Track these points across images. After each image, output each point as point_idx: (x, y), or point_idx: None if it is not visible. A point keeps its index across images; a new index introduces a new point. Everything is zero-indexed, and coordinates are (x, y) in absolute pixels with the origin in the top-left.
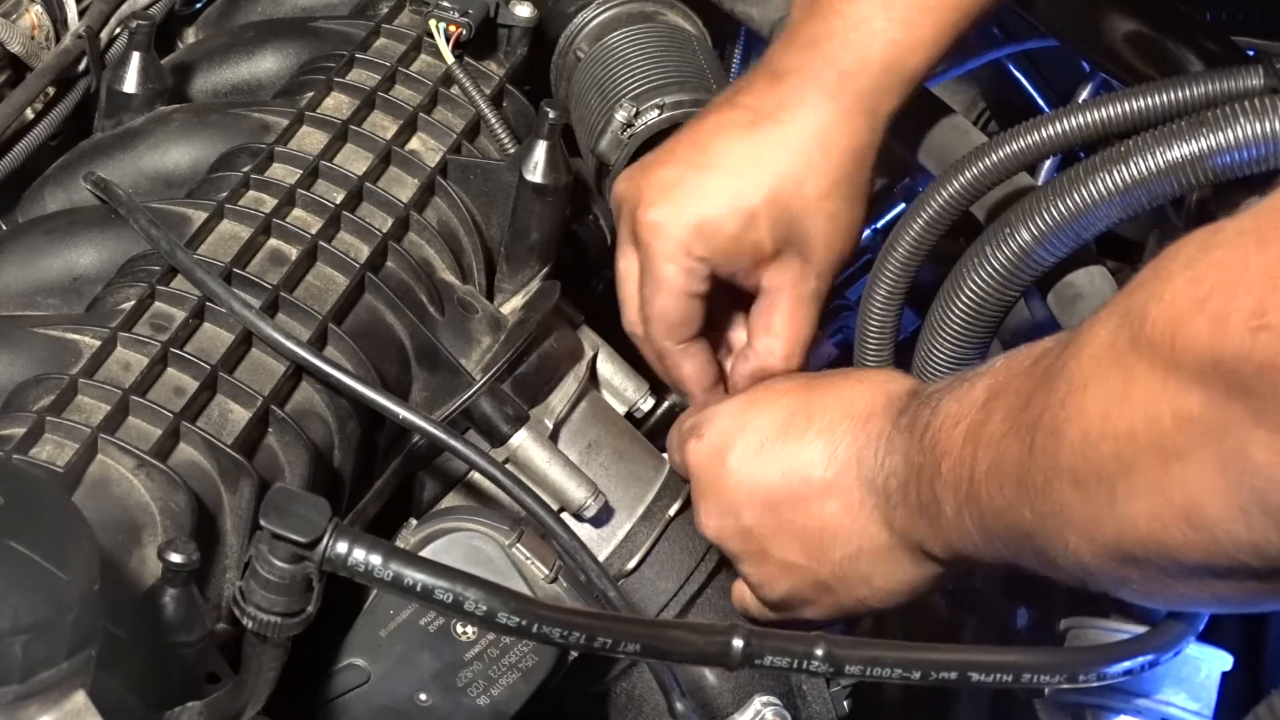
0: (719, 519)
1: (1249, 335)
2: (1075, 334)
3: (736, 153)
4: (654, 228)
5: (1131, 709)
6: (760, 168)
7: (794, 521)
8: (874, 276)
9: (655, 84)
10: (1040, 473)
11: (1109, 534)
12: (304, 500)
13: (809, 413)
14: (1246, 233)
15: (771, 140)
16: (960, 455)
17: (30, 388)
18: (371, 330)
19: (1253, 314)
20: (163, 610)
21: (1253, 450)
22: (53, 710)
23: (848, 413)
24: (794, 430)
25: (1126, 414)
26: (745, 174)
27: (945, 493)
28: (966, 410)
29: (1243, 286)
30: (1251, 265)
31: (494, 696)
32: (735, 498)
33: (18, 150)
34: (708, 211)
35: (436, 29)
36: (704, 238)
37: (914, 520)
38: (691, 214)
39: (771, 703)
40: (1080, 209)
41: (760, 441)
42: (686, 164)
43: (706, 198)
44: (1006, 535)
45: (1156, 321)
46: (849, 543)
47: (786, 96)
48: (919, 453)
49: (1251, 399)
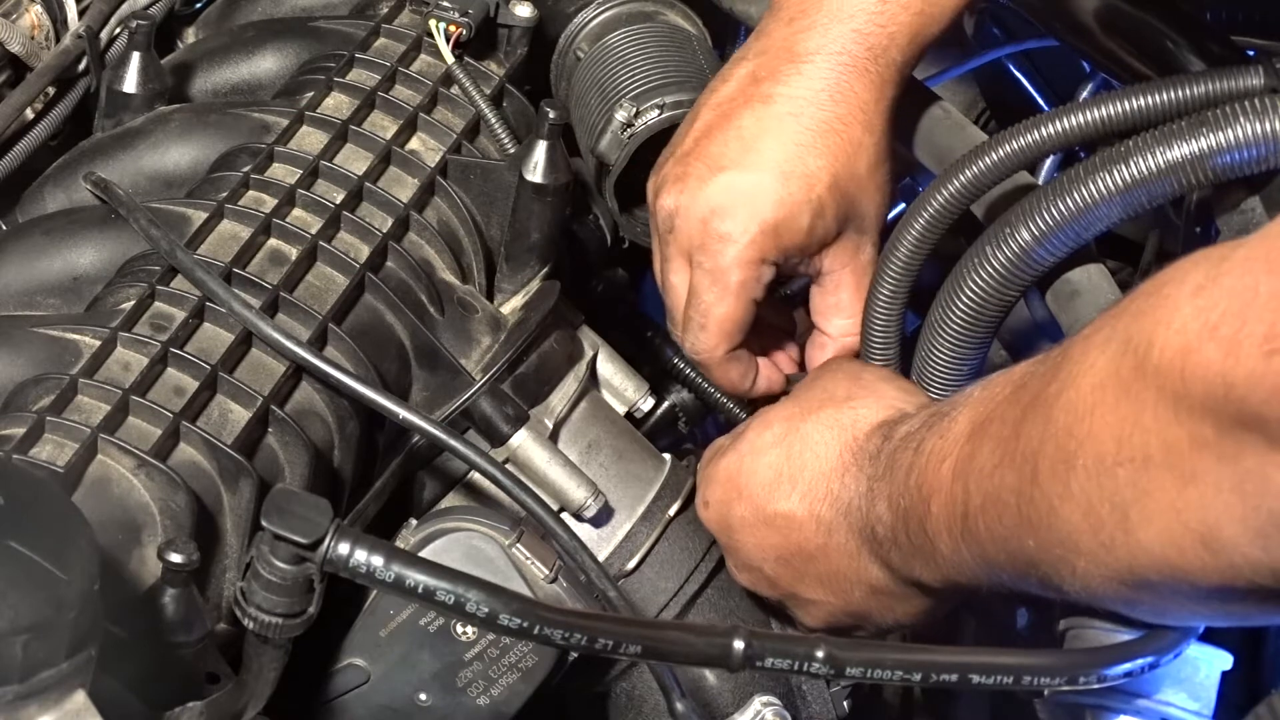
0: (747, 574)
1: (1261, 360)
2: (1062, 360)
3: (790, 148)
4: (724, 238)
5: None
6: (817, 158)
7: (809, 571)
8: (876, 276)
9: (655, 84)
10: (1044, 501)
11: (1121, 560)
12: (305, 501)
13: (790, 474)
14: (1255, 259)
15: (820, 128)
16: (950, 492)
17: (30, 388)
18: (371, 330)
19: (1265, 339)
20: (163, 610)
21: (1269, 473)
22: (53, 710)
23: (822, 471)
24: (779, 494)
25: (1140, 440)
26: (805, 168)
27: (938, 531)
28: (950, 446)
29: (1253, 312)
30: (1262, 291)
31: (494, 696)
32: (751, 557)
33: (18, 150)
34: (779, 213)
35: (436, 29)
36: (778, 240)
37: (909, 561)
38: (762, 219)
39: (771, 703)
40: (1080, 209)
41: (755, 507)
42: (743, 167)
43: (773, 200)
44: (1009, 564)
45: (1165, 350)
46: (861, 584)
47: (822, 77)
48: (903, 495)
49: (1265, 424)
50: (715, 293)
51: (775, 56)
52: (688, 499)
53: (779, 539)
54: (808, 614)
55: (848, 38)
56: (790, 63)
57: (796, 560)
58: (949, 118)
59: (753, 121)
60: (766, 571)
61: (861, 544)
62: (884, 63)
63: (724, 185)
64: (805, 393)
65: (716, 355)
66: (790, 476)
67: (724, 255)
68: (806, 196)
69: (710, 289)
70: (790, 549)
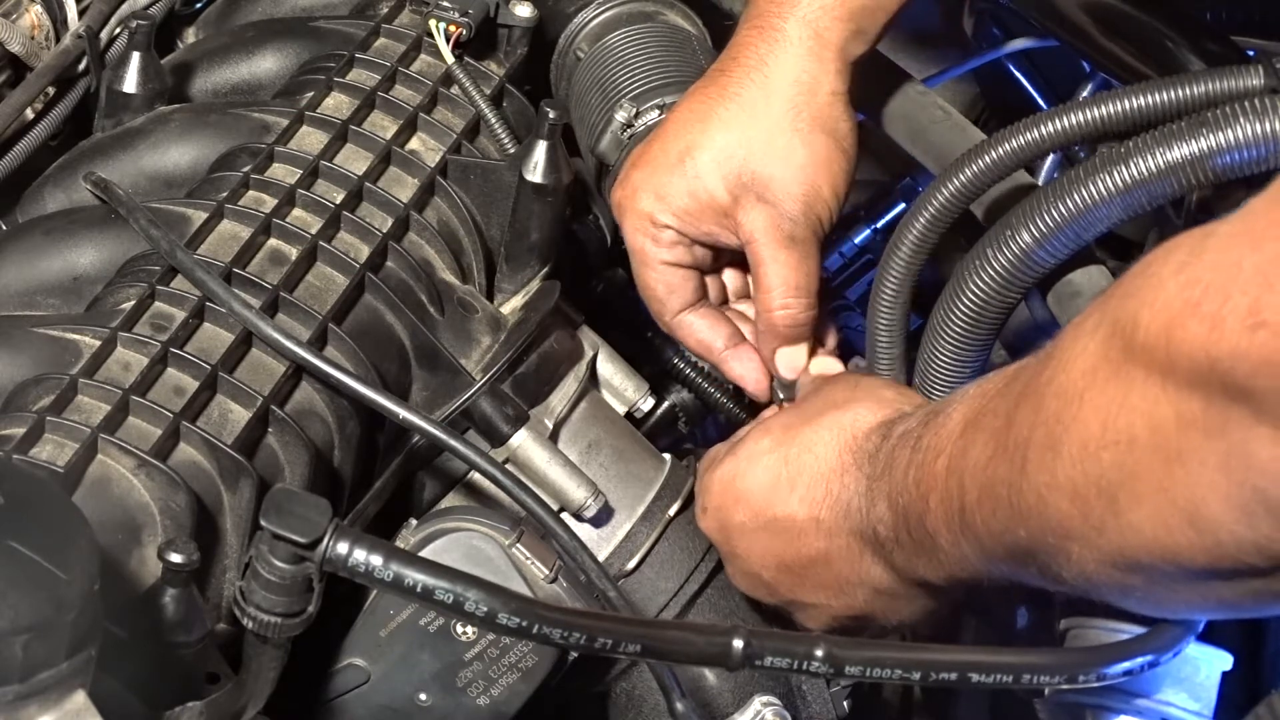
0: (746, 580)
1: (1245, 334)
2: (1053, 350)
3: (688, 117)
4: (619, 207)
5: (1131, 709)
6: (705, 122)
7: (810, 576)
8: (879, 277)
9: (655, 84)
10: (1033, 491)
11: (1112, 543)
12: (304, 501)
13: (789, 479)
14: (1238, 234)
15: (716, 95)
16: (946, 487)
17: (30, 388)
18: (371, 330)
19: (1249, 313)
20: (163, 610)
21: (1254, 448)
22: (53, 710)
23: (821, 473)
24: (779, 499)
25: (1126, 421)
26: (692, 132)
27: (938, 527)
28: (945, 442)
29: (1237, 287)
30: (1245, 265)
31: (494, 696)
32: (750, 565)
33: (18, 150)
34: (660, 178)
35: (436, 29)
36: (663, 202)
37: (912, 560)
38: (649, 183)
39: (771, 703)
40: (1081, 210)
41: (754, 513)
42: (652, 141)
43: (659, 166)
44: (1007, 556)
45: (1150, 328)
46: (864, 586)
47: (737, 52)
48: (903, 493)
49: (1250, 398)
50: (633, 263)
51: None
52: (688, 499)
53: (779, 544)
54: (809, 618)
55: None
56: (730, 45)
57: (797, 566)
58: (949, 118)
59: (683, 103)
60: (766, 578)
61: (863, 546)
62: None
63: (634, 160)
64: (807, 403)
65: (664, 320)
66: (789, 479)
67: (624, 223)
68: (682, 159)
69: (632, 256)
70: (790, 555)
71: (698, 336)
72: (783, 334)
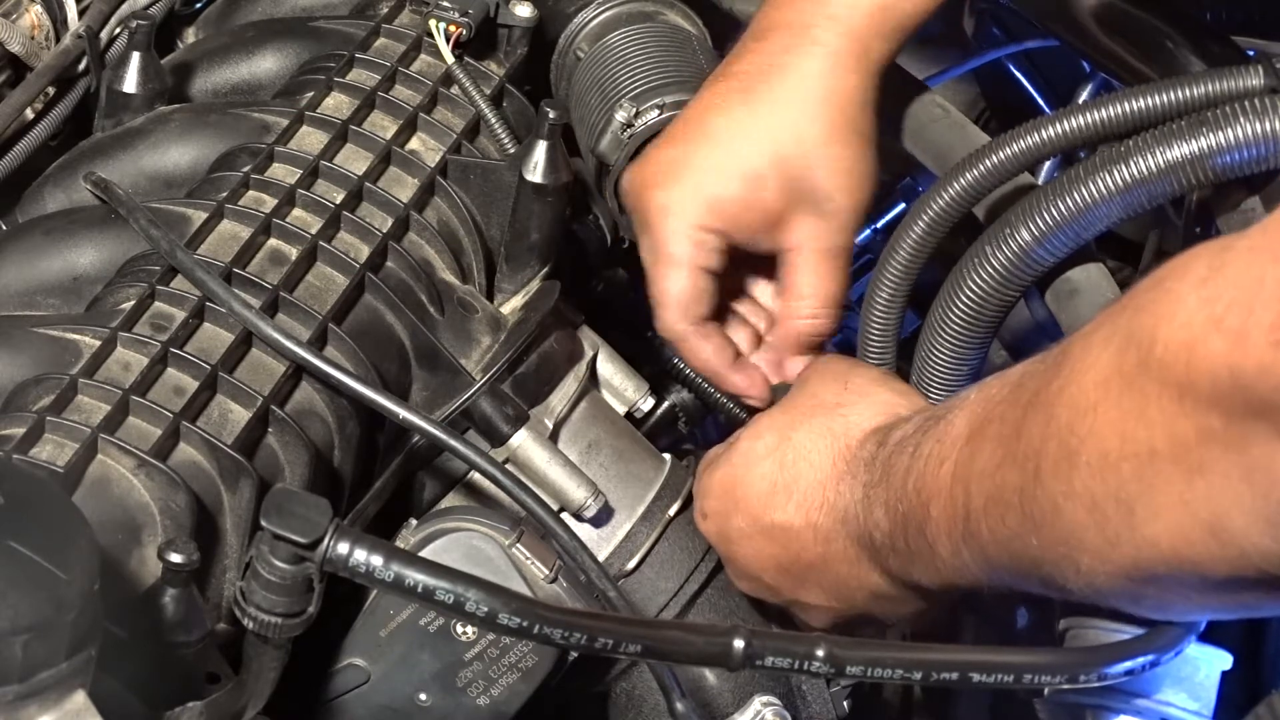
0: (747, 582)
1: (1270, 349)
2: (1062, 359)
3: (733, 120)
4: (662, 210)
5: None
6: (757, 129)
7: (809, 578)
8: (876, 277)
9: (655, 84)
10: (1048, 499)
11: (1127, 554)
12: (305, 501)
13: (785, 485)
14: (1259, 249)
15: (765, 100)
16: (950, 495)
17: (30, 388)
18: (371, 330)
19: (1272, 328)
20: (163, 610)
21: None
22: (53, 710)
23: (816, 479)
24: (776, 504)
25: (1146, 434)
26: (745, 139)
27: (938, 534)
28: (949, 449)
29: (1260, 302)
30: (1268, 280)
31: (494, 696)
32: (750, 567)
33: (18, 150)
34: (714, 184)
35: (436, 29)
36: (714, 211)
37: (908, 566)
38: (698, 189)
39: (771, 703)
40: (1080, 209)
41: (752, 518)
42: (686, 141)
43: (710, 170)
44: (1011, 565)
45: (1169, 344)
46: (862, 589)
47: (775, 53)
48: (901, 500)
49: (1274, 413)
50: (662, 266)
51: (744, 39)
52: (688, 499)
53: (778, 549)
54: (811, 617)
55: (807, 9)
56: (754, 42)
57: (796, 569)
58: (949, 117)
59: (707, 101)
60: (767, 580)
61: (861, 550)
62: (849, 38)
63: (663, 159)
64: (794, 397)
65: (677, 331)
66: (785, 487)
67: (664, 227)
68: (741, 169)
69: (657, 263)
70: (789, 559)
71: (702, 357)
72: (803, 343)
